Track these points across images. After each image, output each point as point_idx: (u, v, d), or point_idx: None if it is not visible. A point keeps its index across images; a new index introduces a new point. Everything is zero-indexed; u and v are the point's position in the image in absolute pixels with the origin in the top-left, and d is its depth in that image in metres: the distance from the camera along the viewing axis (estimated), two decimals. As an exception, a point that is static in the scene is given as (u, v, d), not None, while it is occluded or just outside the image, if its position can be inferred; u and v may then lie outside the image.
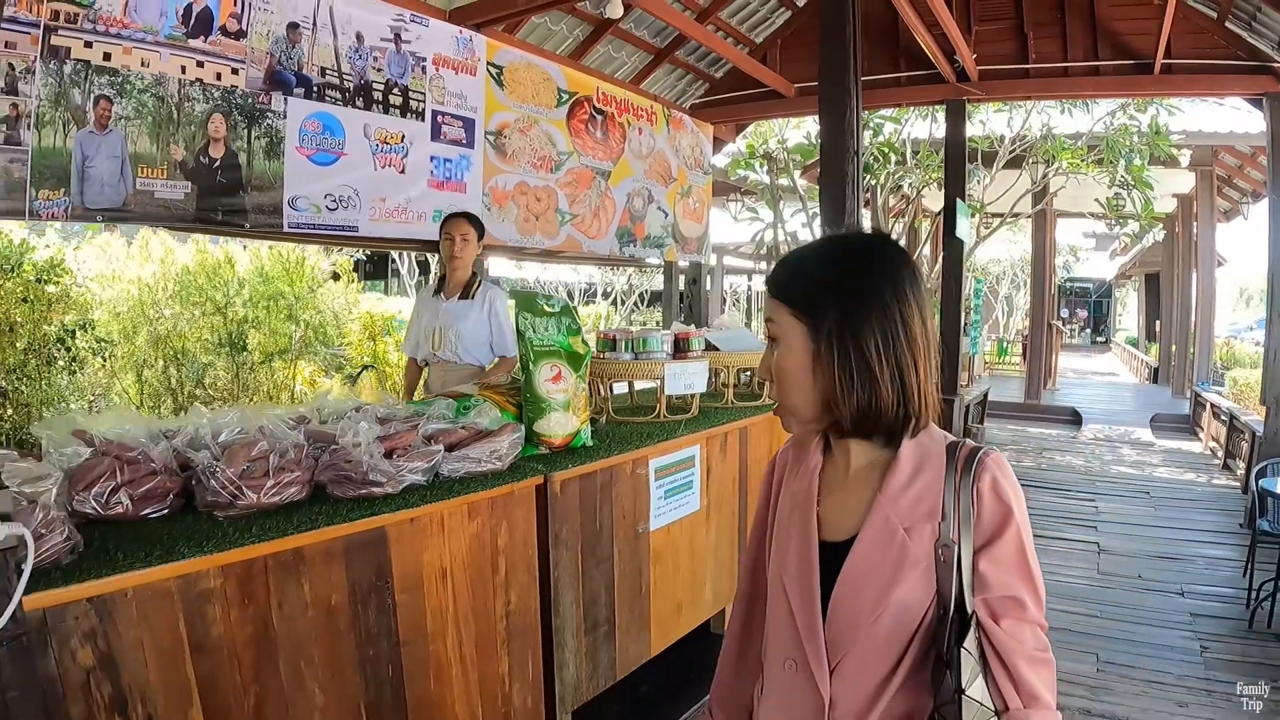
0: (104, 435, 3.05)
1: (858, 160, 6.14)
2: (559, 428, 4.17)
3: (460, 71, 7.21)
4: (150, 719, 2.53)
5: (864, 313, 1.80)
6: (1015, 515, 1.80)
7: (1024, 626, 1.77)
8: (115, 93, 5.23)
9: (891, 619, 1.81)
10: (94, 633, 2.42)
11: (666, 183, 9.73)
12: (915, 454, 1.88)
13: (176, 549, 2.61)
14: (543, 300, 4.35)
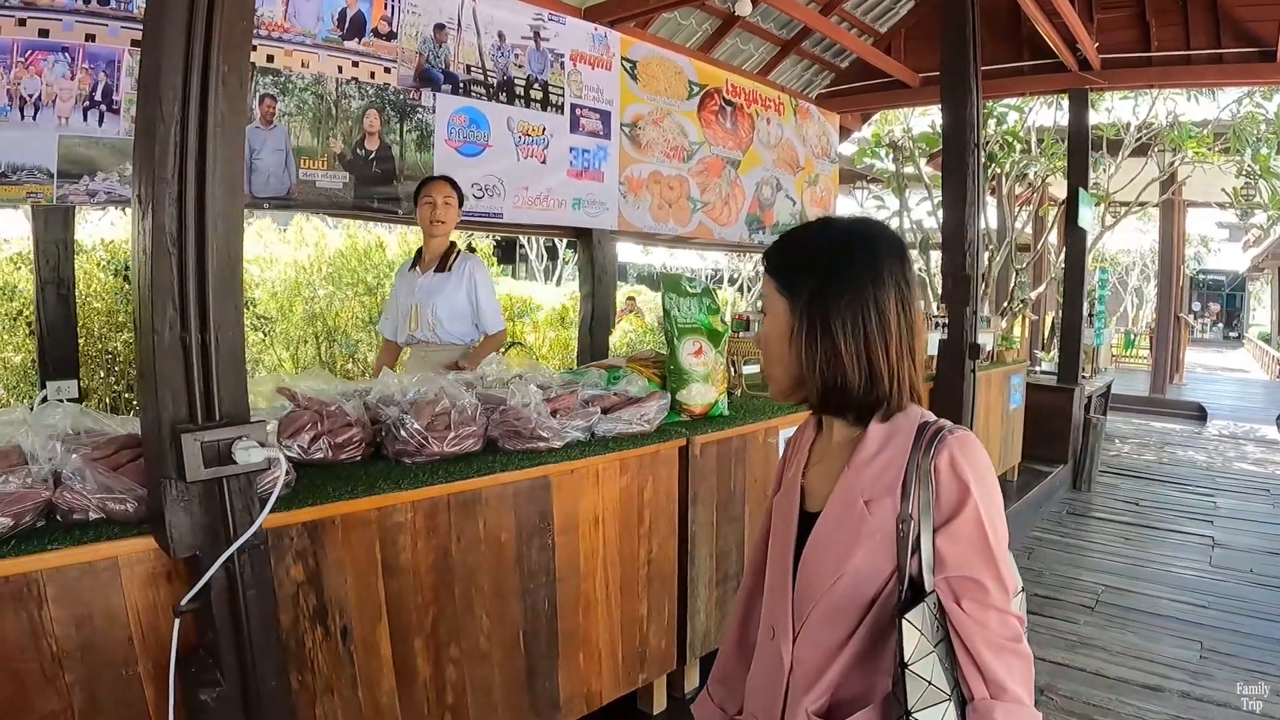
0: (305, 392, 3.45)
1: (978, 152, 6.18)
2: (699, 397, 4.47)
3: (596, 67, 7.50)
4: (346, 629, 2.93)
5: (836, 294, 1.84)
6: (974, 494, 1.79)
7: (988, 612, 1.78)
8: (278, 91, 5.67)
9: (846, 586, 1.86)
10: (305, 552, 2.82)
11: (794, 171, 9.88)
12: (885, 431, 1.90)
13: (376, 485, 3.04)
14: (686, 282, 4.65)
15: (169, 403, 2.33)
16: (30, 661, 2.37)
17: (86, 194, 5.07)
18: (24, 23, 4.90)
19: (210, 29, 2.33)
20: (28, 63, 4.91)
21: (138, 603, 2.51)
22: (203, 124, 2.33)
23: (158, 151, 2.28)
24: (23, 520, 2.44)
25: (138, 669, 2.53)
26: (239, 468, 2.39)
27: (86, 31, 5.06)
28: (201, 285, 2.35)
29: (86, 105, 5.07)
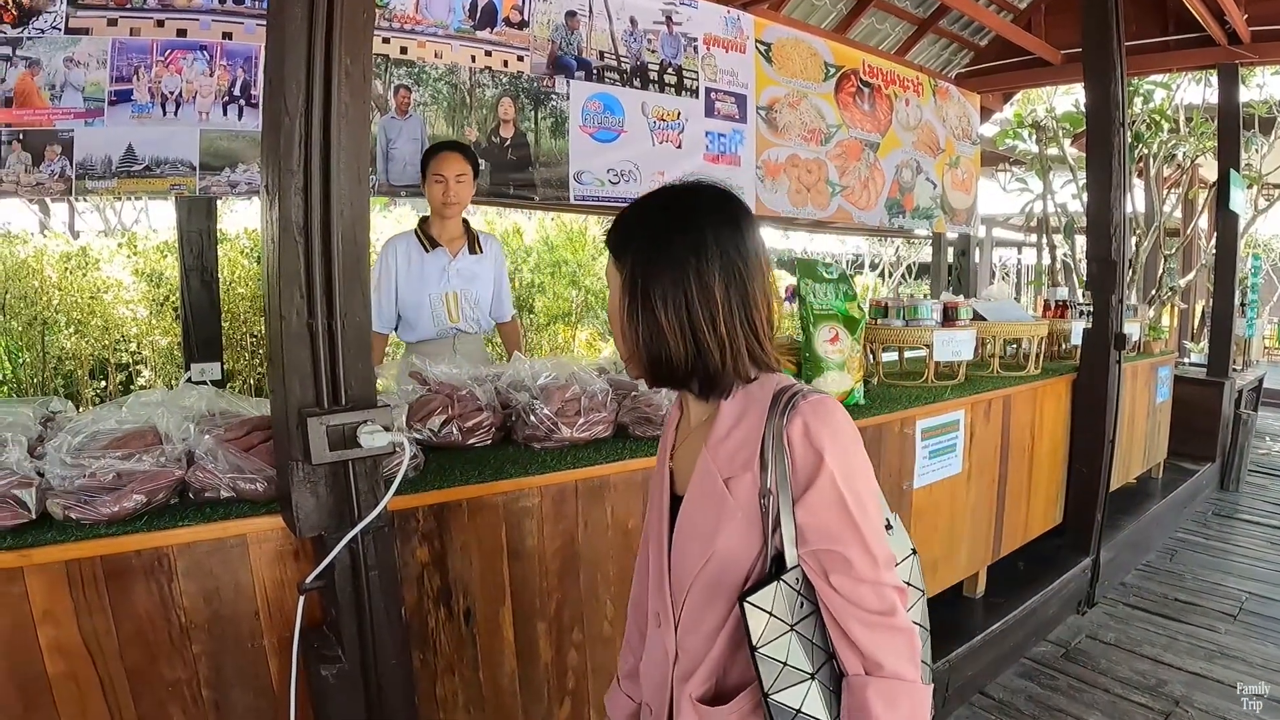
0: (437, 376, 3.51)
1: (1123, 132, 5.92)
2: (834, 386, 4.36)
3: (730, 50, 7.42)
4: (469, 610, 2.96)
5: (656, 266, 1.77)
6: (828, 461, 1.71)
7: (858, 585, 1.71)
8: (413, 82, 5.77)
9: (715, 569, 1.82)
10: (431, 534, 2.87)
11: (934, 154, 9.65)
12: (739, 403, 1.85)
13: (504, 470, 3.07)
14: (821, 267, 4.58)
15: (296, 387, 2.40)
16: (159, 631, 2.50)
17: (228, 185, 5.27)
18: (162, 24, 5.11)
19: (330, 23, 2.38)
20: (167, 61, 5.12)
21: (265, 579, 2.62)
22: (326, 116, 2.38)
23: (282, 144, 2.35)
24: (156, 497, 2.56)
25: (263, 642, 2.64)
26: (363, 451, 2.44)
27: (223, 30, 5.26)
28: (328, 273, 2.41)
29: (225, 100, 5.26)
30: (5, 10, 4.84)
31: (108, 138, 5.06)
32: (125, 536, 2.45)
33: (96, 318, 8.49)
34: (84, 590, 2.42)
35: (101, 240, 9.67)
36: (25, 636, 2.38)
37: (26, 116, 4.90)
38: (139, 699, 2.52)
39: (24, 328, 8.26)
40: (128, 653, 2.48)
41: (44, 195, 5.30)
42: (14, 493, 2.46)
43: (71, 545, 2.40)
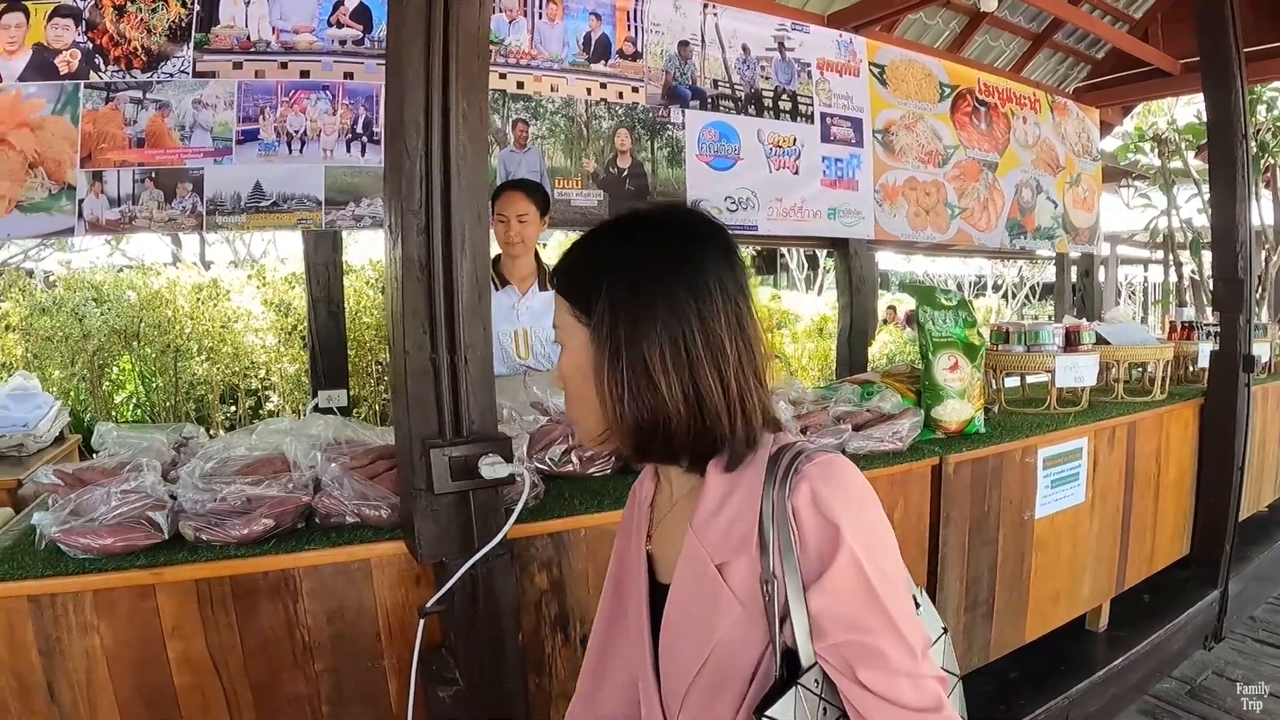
0: (558, 406, 3.56)
1: (1246, 142, 5.68)
2: (954, 414, 4.31)
3: (844, 74, 7.42)
4: (584, 639, 2.97)
5: (646, 313, 1.44)
6: (845, 536, 1.38)
7: (897, 681, 1.38)
8: (530, 115, 5.91)
9: (714, 672, 1.50)
10: (550, 562, 2.93)
11: (1054, 171, 9.46)
12: (726, 475, 1.53)
13: (624, 499, 3.04)
14: (940, 294, 4.53)
15: (419, 419, 2.46)
16: (283, 649, 2.63)
17: (352, 218, 5.47)
18: (285, 65, 5.37)
19: (447, 68, 2.45)
20: (291, 101, 5.35)
21: (387, 601, 2.72)
22: (445, 157, 2.44)
23: (404, 185, 2.42)
24: (283, 521, 2.67)
25: (383, 663, 2.74)
26: (484, 482, 2.49)
27: (344, 70, 5.49)
28: (450, 309, 2.46)
29: (349, 138, 5.47)
30: (135, 56, 5.08)
31: (236, 175, 5.30)
32: (254, 558, 2.58)
33: (227, 345, 8.82)
34: (212, 608, 2.56)
35: (232, 271, 10.08)
36: (154, 649, 2.53)
37: (158, 156, 5.17)
38: (261, 712, 2.65)
39: (158, 355, 8.61)
40: (252, 668, 2.62)
41: (177, 230, 5.53)
42: (148, 514, 2.61)
43: (202, 565, 2.54)
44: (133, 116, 5.14)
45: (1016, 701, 4.57)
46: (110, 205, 5.11)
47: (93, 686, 2.50)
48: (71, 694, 2.49)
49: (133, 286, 8.90)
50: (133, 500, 2.64)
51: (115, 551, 2.53)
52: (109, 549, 2.52)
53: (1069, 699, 4.57)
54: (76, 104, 5.07)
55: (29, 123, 5.03)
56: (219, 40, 5.26)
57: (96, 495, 2.64)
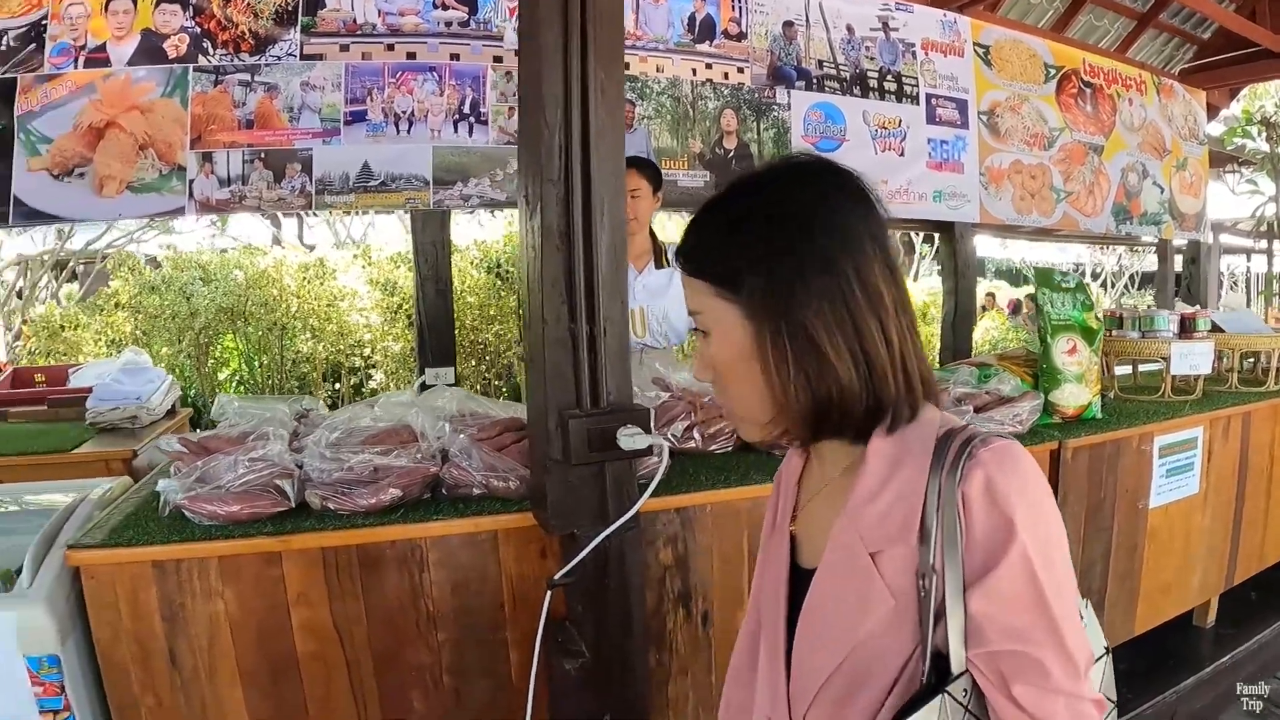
0: (679, 383, 3.59)
1: None
2: (1072, 399, 4.24)
3: (949, 54, 7.32)
4: (706, 614, 3.02)
5: (803, 279, 1.34)
6: (1019, 531, 1.25)
7: (1053, 701, 1.24)
8: (636, 96, 5.92)
9: (854, 670, 1.37)
10: (675, 537, 2.94)
11: (1161, 156, 9.19)
12: (890, 450, 1.39)
13: (749, 476, 3.10)
14: (1059, 276, 4.47)
15: (557, 389, 2.48)
16: (408, 618, 2.70)
17: (460, 198, 5.56)
18: (392, 48, 5.45)
19: (585, 40, 2.45)
20: (399, 83, 5.43)
21: (512, 573, 2.77)
22: (585, 129, 2.46)
23: (543, 156, 2.43)
24: (410, 492, 2.73)
25: (505, 634, 2.79)
26: (622, 453, 2.49)
27: (451, 51, 5.56)
28: (590, 279, 2.48)
29: (456, 118, 5.54)
30: (243, 40, 5.20)
31: (345, 155, 5.40)
32: (381, 527, 2.64)
33: (332, 324, 9.00)
34: (338, 576, 2.63)
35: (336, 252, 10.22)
36: (278, 617, 2.60)
37: (267, 137, 5.29)
38: (382, 681, 2.71)
39: (263, 333, 8.80)
40: (375, 637, 2.68)
41: (286, 209, 5.62)
42: (276, 482, 2.69)
43: (330, 533, 2.61)
44: (241, 99, 5.26)
45: (1123, 695, 4.44)
46: (220, 185, 5.24)
47: (214, 653, 2.57)
48: (192, 660, 2.57)
49: (240, 266, 9.07)
50: (259, 469, 2.71)
51: (241, 519, 2.60)
52: (235, 516, 2.60)
53: (1177, 694, 4.50)
54: (185, 87, 5.20)
55: (139, 106, 5.16)
56: (325, 23, 5.36)
57: (222, 463, 2.72)
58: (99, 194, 5.13)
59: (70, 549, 2.53)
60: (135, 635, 2.52)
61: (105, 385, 5.01)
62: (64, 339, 8.87)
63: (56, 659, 2.49)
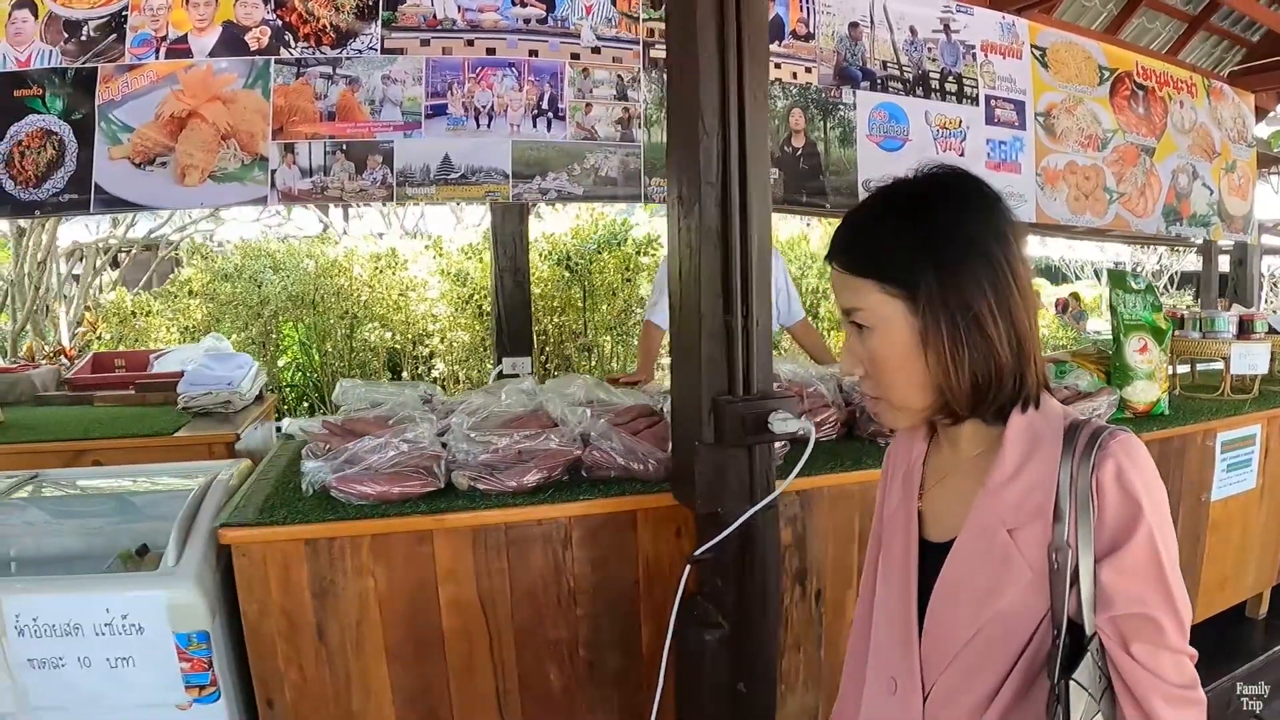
0: (785, 373, 3.70)
1: None
2: (1143, 395, 4.39)
3: (1007, 56, 7.40)
4: (819, 592, 3.19)
5: (969, 268, 1.51)
6: (1146, 513, 1.44)
7: (1162, 654, 1.44)
8: None
9: (989, 637, 1.54)
10: (795, 519, 3.10)
11: (1210, 158, 9.23)
12: (1025, 436, 1.57)
13: (862, 461, 3.27)
14: (1130, 278, 4.62)
15: (711, 377, 2.61)
16: (549, 594, 2.87)
17: (539, 191, 5.70)
18: (472, 43, 5.59)
19: (741, 52, 2.60)
20: (479, 78, 5.54)
21: (648, 551, 2.94)
22: (742, 135, 2.61)
23: (701, 160, 2.57)
24: (554, 473, 2.90)
25: (638, 609, 2.96)
26: (772, 436, 2.63)
27: (529, 48, 5.70)
28: (745, 276, 2.61)
29: (535, 113, 5.68)
30: (324, 34, 5.33)
31: (425, 148, 5.55)
32: (530, 507, 2.80)
33: (400, 314, 9.14)
34: (486, 553, 2.79)
35: (406, 243, 10.36)
36: (427, 593, 2.76)
37: (349, 129, 5.44)
38: (522, 655, 2.87)
39: (334, 321, 8.98)
40: (518, 612, 2.84)
41: (368, 200, 5.74)
42: (426, 463, 2.84)
43: (481, 513, 2.77)
44: (323, 91, 5.41)
45: None
46: (302, 175, 5.38)
47: (363, 628, 2.73)
48: (340, 635, 2.72)
49: (311, 255, 9.18)
50: (410, 451, 2.86)
51: (393, 498, 2.76)
52: (386, 496, 2.75)
53: (1233, 679, 4.61)
54: (267, 79, 5.35)
55: (221, 96, 5.30)
56: (406, 18, 5.50)
57: (369, 445, 2.87)
58: (181, 182, 5.26)
59: (223, 528, 2.67)
60: (284, 611, 2.67)
61: (197, 371, 5.04)
62: (134, 325, 8.98)
63: (206, 635, 2.62)
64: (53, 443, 4.28)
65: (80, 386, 5.69)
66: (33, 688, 2.64)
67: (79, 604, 2.61)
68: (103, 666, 2.62)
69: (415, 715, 2.82)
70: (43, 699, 2.66)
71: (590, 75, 5.82)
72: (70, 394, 5.56)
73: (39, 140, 5.16)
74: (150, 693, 2.66)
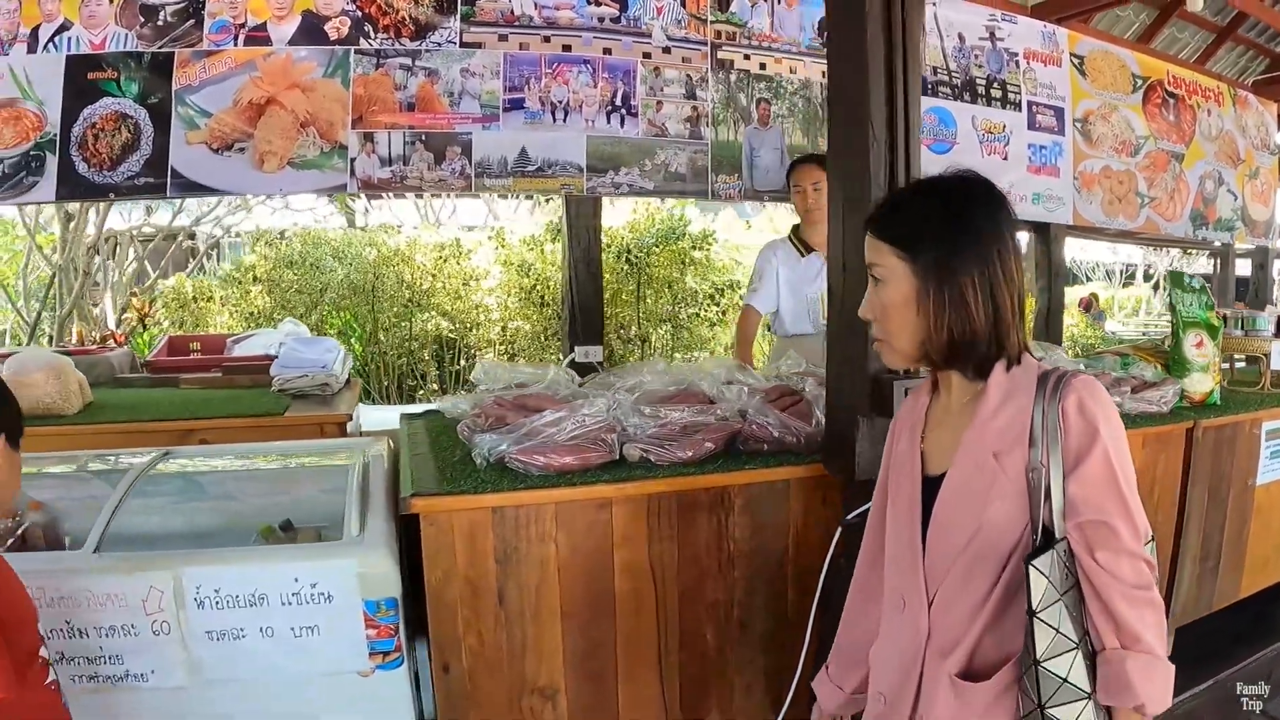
0: None
1: None
2: (1199, 386, 4.70)
3: (1048, 64, 7.63)
4: None
5: (962, 250, 1.92)
6: (1103, 435, 1.83)
7: (1120, 558, 1.80)
8: (772, 95, 6.31)
9: (980, 544, 1.92)
10: None
11: (1234, 164, 9.50)
12: (1005, 383, 1.96)
13: None
14: (1188, 279, 4.96)
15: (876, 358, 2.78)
16: (711, 559, 3.12)
17: (612, 185, 5.93)
18: (548, 39, 5.80)
19: (906, 67, 2.96)
20: (555, 74, 5.77)
21: (798, 518, 3.20)
22: (907, 142, 2.96)
23: (871, 164, 2.89)
24: (718, 446, 3.17)
25: (786, 572, 3.22)
26: None
27: (604, 46, 5.92)
28: None
29: (609, 110, 5.90)
30: (403, 25, 5.51)
31: (502, 141, 5.76)
32: (699, 476, 3.06)
33: (460, 303, 9.39)
34: (659, 520, 3.03)
35: (467, 234, 10.54)
36: (603, 558, 3.00)
37: (428, 120, 5.64)
38: (683, 616, 3.12)
39: (400, 309, 9.21)
40: (683, 574, 3.09)
41: (446, 191, 5.94)
42: (603, 436, 3.11)
43: (655, 481, 3.02)
44: (402, 82, 5.60)
45: (1221, 654, 4.94)
46: (381, 165, 5.57)
47: (541, 593, 2.94)
48: (519, 599, 2.93)
49: (373, 243, 9.34)
50: (588, 424, 3.11)
51: (572, 469, 3.00)
52: (567, 466, 2.99)
53: (1276, 652, 4.95)
54: (347, 68, 5.52)
55: (300, 84, 5.46)
56: (484, 13, 5.70)
57: (549, 418, 3.11)
58: (259, 169, 5.40)
59: (413, 497, 2.82)
60: (467, 577, 2.86)
61: (290, 354, 5.14)
62: (194, 310, 9.12)
63: (394, 601, 2.77)
64: (159, 422, 4.33)
65: (161, 369, 5.78)
66: (208, 660, 2.71)
67: (266, 574, 2.71)
68: (286, 636, 2.72)
69: (583, 676, 3.03)
70: (217, 671, 2.74)
71: (661, 74, 6.03)
72: (152, 376, 5.64)
73: (113, 123, 5.22)
74: (333, 661, 2.77)
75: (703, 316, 10.27)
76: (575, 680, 3.02)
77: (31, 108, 5.15)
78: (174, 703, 2.74)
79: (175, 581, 2.65)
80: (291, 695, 2.80)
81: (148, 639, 2.67)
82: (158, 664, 2.70)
